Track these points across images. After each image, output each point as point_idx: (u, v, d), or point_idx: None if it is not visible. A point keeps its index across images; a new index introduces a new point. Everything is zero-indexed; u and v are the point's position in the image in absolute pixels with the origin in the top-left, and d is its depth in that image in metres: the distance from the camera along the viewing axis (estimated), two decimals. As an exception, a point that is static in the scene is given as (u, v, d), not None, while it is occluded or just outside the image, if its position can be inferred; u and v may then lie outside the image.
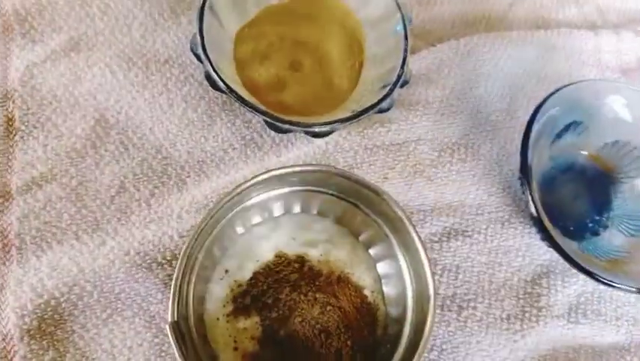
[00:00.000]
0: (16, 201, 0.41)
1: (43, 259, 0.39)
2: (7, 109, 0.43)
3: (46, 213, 0.41)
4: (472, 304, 0.42)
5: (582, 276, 0.40)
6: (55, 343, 0.38)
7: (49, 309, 0.38)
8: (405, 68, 0.41)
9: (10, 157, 0.42)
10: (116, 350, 0.38)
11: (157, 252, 0.40)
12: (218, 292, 0.39)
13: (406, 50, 0.41)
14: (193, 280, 0.37)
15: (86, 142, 0.43)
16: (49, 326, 0.38)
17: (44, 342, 0.38)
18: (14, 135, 0.42)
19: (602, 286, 0.43)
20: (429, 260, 0.36)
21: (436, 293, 0.36)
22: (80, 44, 0.45)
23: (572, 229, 0.45)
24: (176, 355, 0.33)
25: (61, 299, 0.38)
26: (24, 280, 0.39)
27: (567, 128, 0.45)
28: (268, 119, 0.38)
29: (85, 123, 0.43)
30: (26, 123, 0.42)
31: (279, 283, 0.39)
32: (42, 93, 0.43)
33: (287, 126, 0.39)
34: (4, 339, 0.37)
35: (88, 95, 0.44)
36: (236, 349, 0.38)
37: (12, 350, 0.37)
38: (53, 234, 0.40)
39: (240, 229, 0.40)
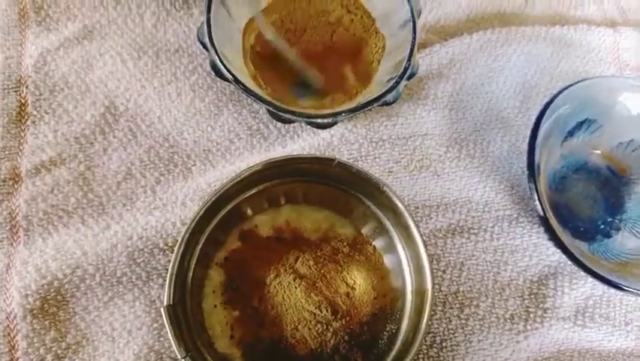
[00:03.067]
0: (25, 184, 0.41)
1: (48, 241, 0.40)
2: (20, 94, 0.44)
3: (53, 197, 0.41)
4: (474, 302, 0.42)
5: (591, 279, 0.39)
6: (57, 323, 0.39)
7: (52, 290, 0.39)
8: (412, 60, 0.40)
9: (21, 141, 0.43)
10: (115, 332, 0.39)
11: (159, 238, 0.40)
12: (217, 280, 0.39)
13: (413, 42, 0.41)
14: (192, 266, 0.37)
15: (95, 128, 0.44)
16: (52, 306, 0.39)
17: (46, 322, 0.38)
18: (26, 120, 0.43)
19: (611, 290, 0.42)
20: (428, 254, 0.36)
21: (434, 288, 0.35)
22: (93, 33, 0.46)
23: (582, 230, 0.44)
24: (170, 338, 0.33)
25: (64, 281, 0.39)
26: (29, 260, 0.39)
27: (580, 126, 0.44)
28: (271, 109, 0.38)
29: (95, 110, 0.44)
30: (38, 108, 0.43)
31: (277, 274, 0.39)
32: (54, 80, 0.44)
33: (289, 116, 0.39)
34: (7, 317, 0.38)
35: (99, 83, 0.45)
36: (232, 337, 0.38)
37: (15, 329, 0.38)
38: (60, 217, 0.41)
39: (242, 218, 0.41)
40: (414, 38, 0.41)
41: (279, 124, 0.44)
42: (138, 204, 0.42)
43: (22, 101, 0.44)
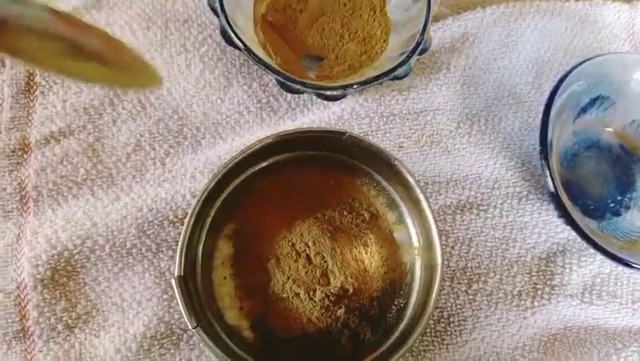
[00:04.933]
0: (34, 155, 0.41)
1: (58, 211, 0.40)
2: (28, 64, 0.43)
3: (62, 168, 0.41)
4: (482, 278, 0.42)
5: (599, 256, 0.39)
6: (67, 293, 0.39)
7: (62, 260, 0.39)
8: (425, 35, 0.40)
9: (30, 111, 0.42)
10: (125, 303, 0.39)
11: (169, 210, 0.40)
12: (226, 252, 0.39)
13: (427, 17, 0.40)
14: (202, 238, 0.37)
15: (104, 99, 0.43)
16: (62, 276, 0.39)
17: (57, 292, 0.39)
18: (35, 90, 0.43)
19: (619, 268, 0.42)
20: (438, 229, 0.36)
21: (443, 263, 0.36)
22: (102, 2, 0.45)
23: (592, 207, 0.44)
24: (181, 309, 0.33)
25: (74, 251, 0.39)
26: (39, 231, 0.39)
27: (593, 102, 0.44)
28: (280, 79, 0.38)
29: (103, 81, 0.43)
30: (47, 79, 0.43)
31: (285, 247, 0.39)
32: (63, 49, 0.44)
33: (299, 87, 0.38)
34: (18, 287, 0.38)
35: (107, 53, 0.44)
36: (241, 309, 0.38)
37: (25, 298, 0.38)
38: (69, 188, 0.41)
39: (252, 190, 0.40)
40: (428, 13, 0.40)
41: (289, 97, 0.44)
42: (148, 176, 0.42)
43: (31, 71, 0.43)
